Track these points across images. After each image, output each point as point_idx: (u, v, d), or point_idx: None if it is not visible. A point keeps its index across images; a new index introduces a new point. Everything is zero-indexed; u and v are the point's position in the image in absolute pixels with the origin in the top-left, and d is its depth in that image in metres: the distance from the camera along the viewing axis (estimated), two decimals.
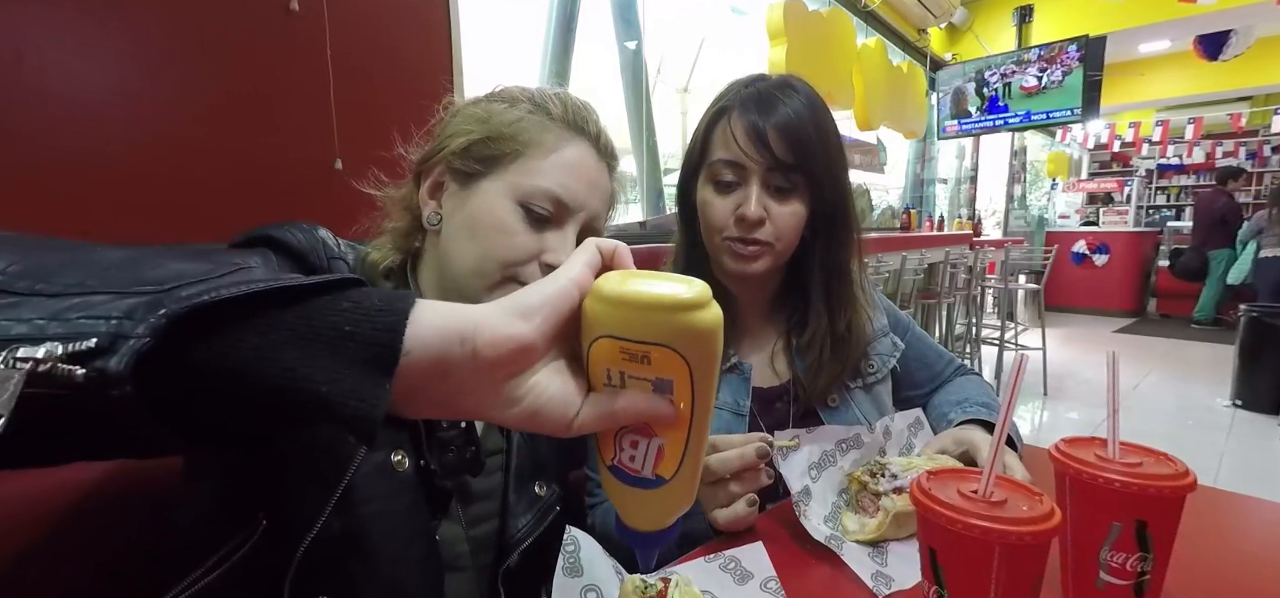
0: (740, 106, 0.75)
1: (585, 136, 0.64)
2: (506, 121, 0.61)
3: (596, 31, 2.81)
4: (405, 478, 0.57)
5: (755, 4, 3.59)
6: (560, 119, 0.63)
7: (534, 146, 0.61)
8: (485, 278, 0.59)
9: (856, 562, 0.58)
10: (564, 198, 0.60)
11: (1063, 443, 0.54)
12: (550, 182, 0.60)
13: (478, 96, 0.66)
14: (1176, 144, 8.01)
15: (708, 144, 0.78)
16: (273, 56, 1.26)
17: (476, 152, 0.61)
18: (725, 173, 0.76)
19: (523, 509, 0.67)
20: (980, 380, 0.91)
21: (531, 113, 0.62)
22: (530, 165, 0.60)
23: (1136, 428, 3.25)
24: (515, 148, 0.60)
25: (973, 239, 4.70)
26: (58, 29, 1.02)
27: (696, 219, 0.82)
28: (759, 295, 0.85)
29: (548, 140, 0.61)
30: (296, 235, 0.55)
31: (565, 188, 0.60)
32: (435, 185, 0.64)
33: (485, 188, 0.60)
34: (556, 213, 0.61)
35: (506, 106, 0.63)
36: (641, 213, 3.11)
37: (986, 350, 4.36)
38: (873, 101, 4.22)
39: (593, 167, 0.64)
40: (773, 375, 0.83)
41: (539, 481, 0.70)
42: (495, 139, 0.60)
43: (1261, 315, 3.57)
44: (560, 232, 0.61)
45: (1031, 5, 5.78)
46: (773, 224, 0.75)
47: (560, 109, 0.63)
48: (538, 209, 0.60)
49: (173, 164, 1.14)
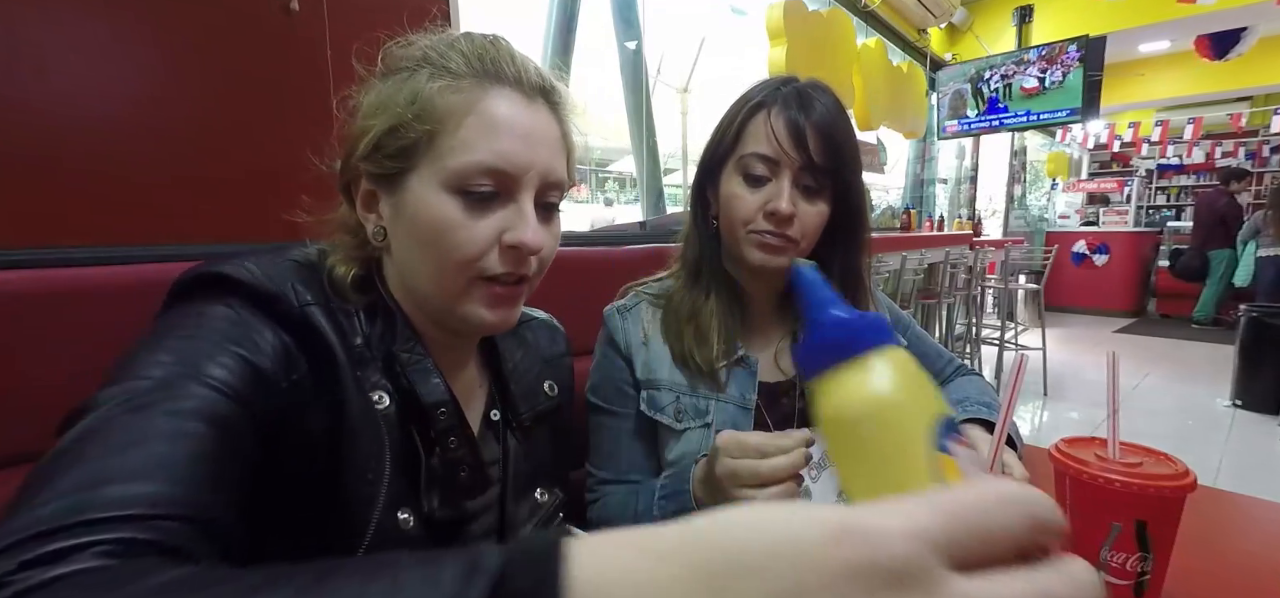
0: (781, 102, 0.75)
1: (502, 81, 0.53)
2: (406, 99, 0.52)
3: (596, 31, 2.81)
4: (412, 534, 0.53)
5: (755, 4, 3.60)
6: (466, 73, 0.53)
7: (446, 118, 0.51)
8: (451, 288, 0.54)
9: None
10: (501, 166, 0.52)
11: (1063, 443, 0.54)
12: (479, 154, 0.51)
13: (370, 77, 0.57)
14: (1176, 144, 8.01)
15: (740, 137, 0.78)
16: (273, 56, 1.25)
17: (387, 147, 0.52)
18: (757, 167, 0.76)
19: (524, 518, 0.65)
20: (981, 380, 0.91)
21: (432, 78, 0.52)
22: (450, 142, 0.51)
23: (1136, 428, 3.26)
24: (426, 128, 0.51)
25: (973, 239, 4.70)
26: (57, 29, 1.02)
27: (711, 212, 0.82)
28: (770, 292, 0.85)
29: (459, 103, 0.51)
30: (257, 273, 0.49)
31: (499, 154, 0.51)
32: (367, 197, 0.56)
33: (412, 187, 0.52)
34: (500, 185, 0.52)
35: (402, 80, 0.53)
36: (641, 213, 3.11)
37: (986, 350, 4.36)
38: (873, 101, 4.22)
39: (523, 114, 0.54)
40: (778, 371, 0.83)
41: (539, 487, 0.67)
42: (401, 126, 0.51)
43: (1261, 315, 3.57)
44: (514, 205, 0.53)
45: (1031, 5, 5.79)
46: (800, 222, 0.75)
47: (462, 61, 0.53)
48: (477, 190, 0.51)
49: (173, 164, 1.14)
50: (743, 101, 0.79)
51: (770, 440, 0.61)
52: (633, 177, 3.09)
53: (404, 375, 0.55)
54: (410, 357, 0.56)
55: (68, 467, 0.35)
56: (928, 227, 5.32)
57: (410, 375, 0.55)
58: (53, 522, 0.31)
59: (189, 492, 0.37)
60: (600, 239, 1.65)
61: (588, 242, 1.55)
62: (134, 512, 0.33)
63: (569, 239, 1.51)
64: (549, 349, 0.76)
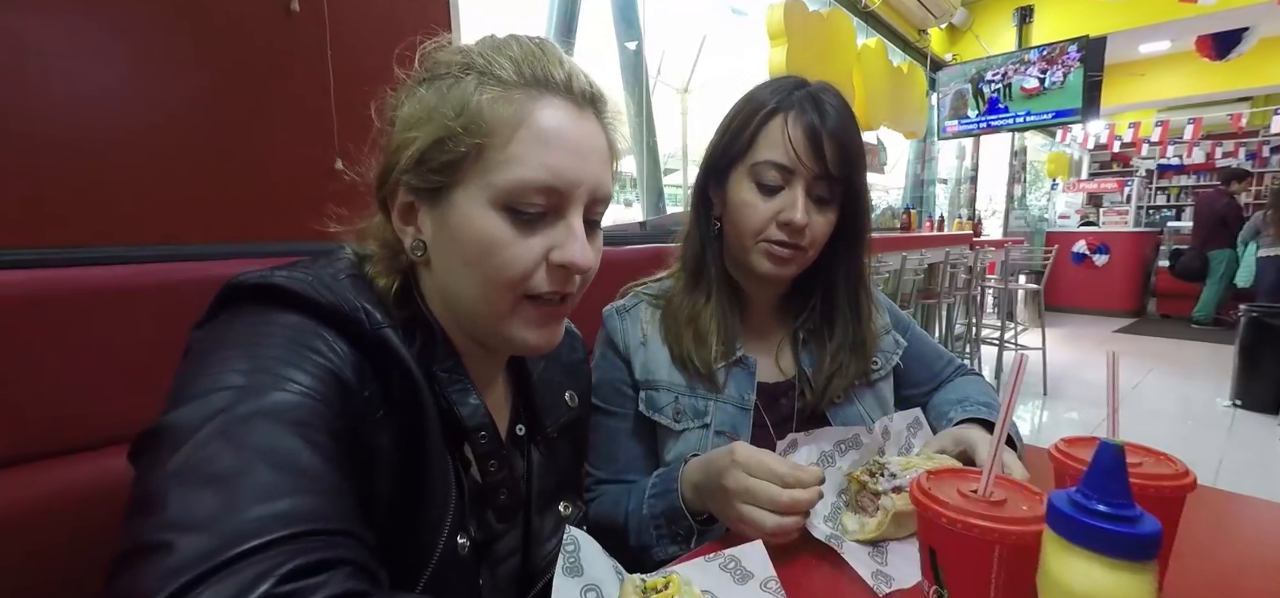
0: (798, 108, 0.73)
1: (553, 90, 0.50)
2: (454, 110, 0.49)
3: (596, 31, 2.81)
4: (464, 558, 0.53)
5: (755, 4, 3.60)
6: (516, 81, 0.49)
7: (496, 130, 0.48)
8: (497, 308, 0.52)
9: (856, 560, 0.58)
10: (554, 184, 0.49)
11: (1063, 443, 0.54)
12: (530, 169, 0.48)
13: (410, 81, 0.54)
14: (1176, 144, 8.01)
15: (754, 143, 0.76)
16: (273, 57, 1.25)
17: (432, 160, 0.49)
18: (771, 175, 0.74)
19: (549, 531, 0.63)
20: (981, 380, 0.91)
21: (480, 86, 0.49)
22: (500, 156, 0.48)
23: (1136, 428, 3.26)
24: (475, 140, 0.48)
25: (973, 239, 4.70)
26: (58, 30, 1.02)
27: (713, 212, 0.82)
28: (771, 294, 0.85)
29: (510, 115, 0.48)
30: (320, 288, 0.46)
31: (551, 170, 0.49)
32: (405, 210, 0.53)
33: (457, 202, 0.49)
34: (551, 202, 0.50)
35: (448, 87, 0.50)
36: (642, 213, 3.11)
37: (986, 350, 4.36)
38: (873, 102, 4.22)
39: (574, 126, 0.51)
40: (777, 372, 0.83)
41: (563, 499, 0.65)
42: (448, 139, 0.48)
43: (1261, 315, 3.57)
44: (563, 222, 0.51)
45: (1031, 6, 5.78)
46: (810, 231, 0.75)
47: (512, 68, 0.50)
48: (528, 209, 0.49)
49: (173, 164, 1.14)
50: (756, 105, 0.76)
51: (792, 471, 0.61)
52: (633, 177, 3.09)
53: (444, 396, 0.53)
54: (450, 376, 0.54)
55: (188, 497, 0.34)
56: (928, 227, 5.31)
57: (450, 395, 0.53)
58: (210, 558, 0.30)
59: (319, 503, 0.36)
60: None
61: None
62: (286, 532, 0.33)
63: None
64: (569, 356, 0.74)
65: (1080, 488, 0.34)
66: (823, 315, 0.83)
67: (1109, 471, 0.34)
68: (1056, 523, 0.35)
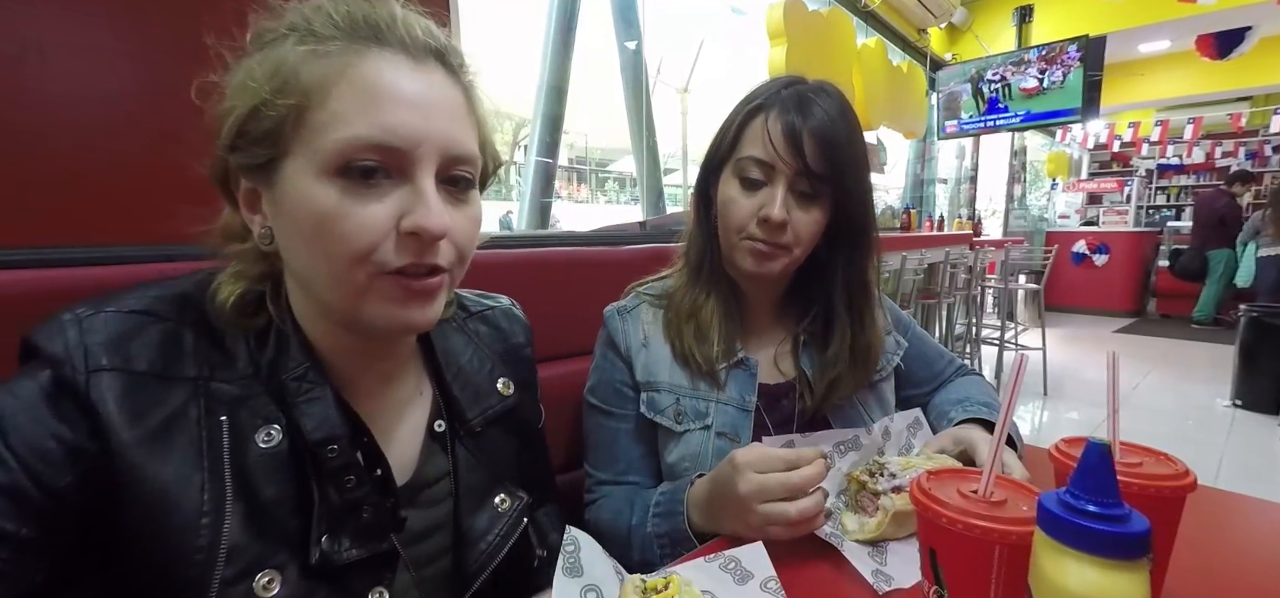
0: (780, 106, 0.74)
1: (382, 42, 0.46)
2: (269, 73, 0.44)
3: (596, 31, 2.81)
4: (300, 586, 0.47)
5: (755, 4, 3.60)
6: (332, 34, 0.45)
7: (313, 90, 0.44)
8: (349, 288, 0.47)
9: (856, 559, 0.59)
10: (386, 141, 0.44)
11: (1063, 443, 0.54)
12: (356, 127, 0.43)
13: (235, 58, 0.50)
14: (1176, 144, 8.01)
15: (739, 140, 0.77)
16: None
17: (251, 131, 0.45)
18: (753, 171, 0.75)
19: (483, 529, 0.59)
20: (981, 380, 0.91)
21: (298, 44, 0.45)
22: (320, 117, 0.44)
23: (1136, 428, 3.25)
24: (289, 101, 0.43)
25: (973, 239, 4.70)
26: (59, 29, 1.02)
27: (712, 211, 0.82)
28: (769, 294, 0.85)
29: (327, 71, 0.44)
30: (64, 339, 0.44)
31: (382, 126, 0.44)
32: (249, 196, 0.49)
33: (289, 175, 0.45)
34: (390, 162, 0.45)
35: (265, 52, 0.46)
36: (642, 213, 3.11)
37: (986, 350, 4.36)
38: (873, 101, 4.22)
39: (411, 79, 0.46)
40: (778, 373, 0.83)
41: (499, 494, 0.61)
42: (262, 105, 0.44)
43: (1261, 315, 3.57)
44: (409, 185, 0.46)
45: (1031, 5, 5.78)
46: (793, 229, 0.75)
47: (326, 22, 0.45)
48: (359, 167, 0.44)
49: (173, 164, 1.14)
50: (744, 103, 0.78)
51: (795, 453, 0.62)
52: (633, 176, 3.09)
53: (295, 406, 0.49)
54: (300, 385, 0.49)
55: None
56: (928, 227, 5.32)
57: (297, 407, 0.49)
58: None
59: None
60: (600, 239, 1.65)
61: (588, 242, 1.55)
62: None
63: (569, 239, 1.51)
64: (504, 341, 0.69)
65: (1068, 488, 0.34)
66: (823, 321, 0.83)
67: (1096, 470, 0.34)
68: (1046, 524, 0.35)
